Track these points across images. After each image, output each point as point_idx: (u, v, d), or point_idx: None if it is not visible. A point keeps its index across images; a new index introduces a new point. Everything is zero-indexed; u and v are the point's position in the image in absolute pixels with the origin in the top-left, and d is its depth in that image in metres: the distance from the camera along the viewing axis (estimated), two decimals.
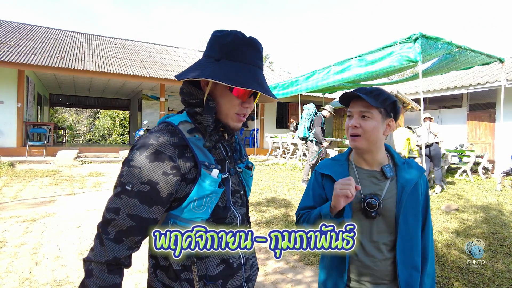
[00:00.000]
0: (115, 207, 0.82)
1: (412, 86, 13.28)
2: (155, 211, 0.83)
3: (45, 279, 2.83)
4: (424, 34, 5.35)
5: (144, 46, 17.55)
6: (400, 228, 1.17)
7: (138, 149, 0.84)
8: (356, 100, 1.24)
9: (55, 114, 28.85)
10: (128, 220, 0.81)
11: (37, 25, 15.96)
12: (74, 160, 9.59)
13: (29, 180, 6.81)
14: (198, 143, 0.90)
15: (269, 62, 39.29)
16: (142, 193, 0.81)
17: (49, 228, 4.05)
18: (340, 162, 1.32)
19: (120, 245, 0.82)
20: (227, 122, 0.94)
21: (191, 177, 0.86)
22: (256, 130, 14.23)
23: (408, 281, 1.17)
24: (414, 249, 1.19)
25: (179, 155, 0.85)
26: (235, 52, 0.89)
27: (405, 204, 1.19)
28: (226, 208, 0.94)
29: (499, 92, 8.36)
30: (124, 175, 0.83)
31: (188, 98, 0.94)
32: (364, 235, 1.20)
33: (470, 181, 8.09)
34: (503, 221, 4.68)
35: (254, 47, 0.92)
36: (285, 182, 7.34)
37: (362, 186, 1.22)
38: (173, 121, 0.92)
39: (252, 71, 0.89)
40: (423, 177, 1.27)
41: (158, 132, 0.87)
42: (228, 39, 0.89)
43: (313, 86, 8.62)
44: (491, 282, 2.93)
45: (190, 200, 0.85)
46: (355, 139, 1.21)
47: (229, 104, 0.92)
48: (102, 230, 0.83)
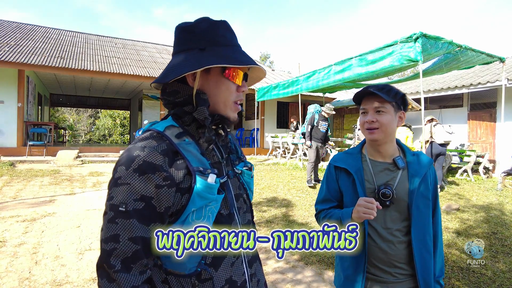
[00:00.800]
0: (112, 235, 0.72)
1: (413, 86, 13.25)
2: (153, 230, 0.75)
3: (44, 278, 2.83)
4: (424, 33, 5.33)
5: (144, 45, 17.55)
6: (413, 215, 1.26)
7: (123, 164, 0.75)
8: (369, 97, 1.32)
9: (56, 114, 28.87)
10: (132, 245, 0.73)
11: (37, 25, 15.96)
12: (74, 160, 9.59)
13: (29, 179, 6.81)
14: (189, 147, 0.82)
15: (269, 62, 39.27)
16: (138, 212, 0.73)
17: (49, 228, 4.05)
18: (354, 155, 1.40)
19: (131, 273, 0.73)
20: (226, 113, 0.87)
21: (186, 186, 0.78)
22: (257, 130, 14.22)
23: (423, 263, 1.25)
24: (426, 234, 1.28)
25: (170, 164, 0.76)
26: (218, 38, 0.84)
27: (416, 193, 1.27)
28: (230, 216, 0.87)
29: (500, 92, 8.34)
30: (114, 196, 0.73)
31: (173, 97, 0.85)
32: (379, 223, 1.28)
33: (471, 181, 8.07)
34: (504, 221, 4.67)
35: (229, 29, 0.88)
36: (285, 182, 7.34)
37: (377, 177, 1.31)
38: (157, 127, 0.83)
39: (238, 50, 0.86)
40: (432, 167, 1.36)
41: (143, 141, 0.78)
42: (203, 26, 0.85)
43: (314, 85, 8.61)
44: (492, 282, 2.92)
45: (188, 212, 0.77)
46: (373, 132, 1.29)
47: (227, 91, 0.86)
48: (107, 266, 0.73)
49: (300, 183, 7.24)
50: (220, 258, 0.84)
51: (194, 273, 0.80)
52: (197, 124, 0.86)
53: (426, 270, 1.26)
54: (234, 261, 0.87)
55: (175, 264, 0.80)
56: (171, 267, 0.80)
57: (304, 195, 6.11)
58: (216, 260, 0.83)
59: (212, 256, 0.82)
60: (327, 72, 7.83)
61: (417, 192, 1.27)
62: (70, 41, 14.28)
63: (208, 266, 0.81)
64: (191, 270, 0.80)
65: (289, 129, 13.62)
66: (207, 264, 0.81)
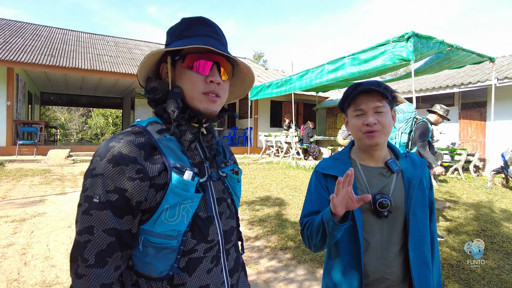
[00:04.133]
0: (87, 227, 0.71)
1: (405, 85, 13.38)
2: (127, 222, 0.73)
3: (33, 279, 2.79)
4: (416, 33, 5.38)
5: (137, 44, 17.40)
6: (410, 224, 1.11)
7: (98, 154, 0.74)
8: (365, 95, 1.14)
9: (47, 113, 28.50)
10: (106, 237, 0.71)
11: (27, 22, 15.72)
12: (65, 159, 9.46)
13: (19, 179, 6.71)
14: (169, 144, 0.80)
15: (263, 61, 39.29)
16: (111, 203, 0.71)
17: (38, 228, 3.98)
18: (342, 160, 1.23)
19: (105, 268, 0.70)
20: (195, 105, 0.83)
21: (162, 183, 0.75)
22: (250, 129, 14.21)
23: (421, 278, 1.11)
24: (425, 245, 1.14)
25: (146, 157, 0.75)
26: (185, 32, 0.84)
27: (414, 199, 1.13)
28: (208, 220, 0.83)
29: (490, 91, 8.46)
30: (89, 187, 0.72)
31: (153, 95, 0.85)
32: (376, 236, 1.12)
33: (462, 179, 8.18)
34: (493, 219, 4.74)
35: (206, 23, 0.86)
36: (278, 181, 7.34)
37: (370, 184, 1.15)
38: (141, 123, 0.83)
39: (205, 40, 0.82)
40: (426, 170, 1.22)
41: (122, 134, 0.77)
42: (175, 25, 0.87)
43: (307, 84, 8.64)
44: (481, 279, 2.96)
45: (162, 210, 0.74)
46: (374, 135, 1.12)
47: (190, 82, 0.82)
48: (79, 258, 0.70)
49: (293, 182, 7.26)
50: (195, 263, 0.79)
51: (166, 276, 0.76)
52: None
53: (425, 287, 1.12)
54: (212, 267, 0.82)
55: (146, 266, 0.76)
56: (142, 269, 0.77)
57: (297, 194, 6.13)
58: (190, 264, 0.79)
59: (186, 260, 0.78)
60: (320, 71, 7.86)
61: (414, 198, 1.13)
62: (61, 39, 14.08)
63: (181, 270, 0.78)
64: (163, 273, 0.76)
65: (283, 128, 13.63)
66: (180, 268, 0.77)
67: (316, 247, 1.13)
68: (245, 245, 3.74)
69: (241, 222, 4.51)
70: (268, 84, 10.69)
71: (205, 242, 0.81)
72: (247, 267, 3.18)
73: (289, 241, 3.78)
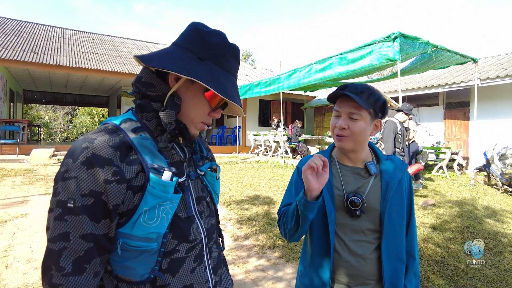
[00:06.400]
0: (61, 233, 0.66)
1: (391, 84, 13.59)
2: (104, 226, 0.70)
3: (16, 282, 2.71)
4: (402, 33, 5.47)
5: (123, 41, 17.13)
6: (385, 226, 1.14)
7: (70, 156, 0.69)
8: (345, 99, 1.16)
9: (30, 111, 27.77)
10: (84, 243, 0.67)
11: (7, 18, 15.26)
12: (50, 159, 9.24)
13: (0, 179, 6.51)
14: (145, 143, 0.76)
15: (251, 60, 39.26)
16: (87, 207, 0.67)
17: (21, 230, 3.88)
18: None
19: (84, 275, 0.67)
20: (189, 127, 0.83)
21: (139, 184, 0.72)
22: (239, 128, 14.19)
23: (392, 280, 1.14)
24: (398, 247, 1.17)
25: (121, 158, 0.70)
26: (221, 58, 0.80)
27: (390, 201, 1.16)
28: (189, 220, 0.81)
29: (473, 91, 8.67)
30: (61, 191, 0.68)
31: (146, 89, 0.79)
32: (348, 234, 1.16)
33: (446, 177, 8.36)
34: (476, 215, 4.86)
35: (237, 57, 0.85)
36: (267, 180, 7.35)
37: (346, 183, 1.19)
38: (114, 120, 0.78)
39: (232, 81, 0.82)
40: (407, 173, 1.25)
41: (94, 133, 0.72)
42: (215, 40, 0.80)
43: (295, 84, 8.66)
44: (464, 274, 3.03)
45: (140, 212, 0.71)
46: (341, 139, 1.16)
47: (200, 109, 0.82)
48: (55, 268, 0.66)
49: (281, 180, 7.27)
50: (178, 263, 0.78)
51: (147, 279, 0.74)
52: (158, 121, 0.81)
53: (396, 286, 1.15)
54: (195, 266, 0.81)
55: (126, 270, 0.74)
56: (122, 273, 0.74)
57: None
58: (173, 265, 0.77)
59: (168, 261, 0.76)
60: (308, 70, 7.89)
61: (391, 200, 1.16)
62: (44, 35, 13.74)
63: (164, 272, 0.76)
64: (144, 276, 0.74)
65: (271, 127, 13.66)
66: (162, 270, 0.76)
67: (290, 233, 1.17)
68: (234, 244, 3.73)
69: (229, 221, 4.50)
70: (257, 83, 10.68)
71: (186, 242, 0.79)
72: (236, 266, 3.18)
73: (277, 240, 3.79)
